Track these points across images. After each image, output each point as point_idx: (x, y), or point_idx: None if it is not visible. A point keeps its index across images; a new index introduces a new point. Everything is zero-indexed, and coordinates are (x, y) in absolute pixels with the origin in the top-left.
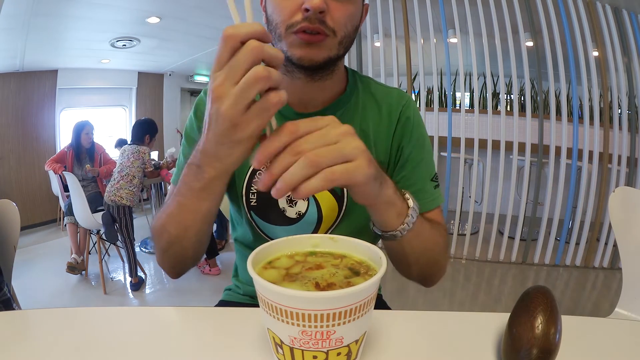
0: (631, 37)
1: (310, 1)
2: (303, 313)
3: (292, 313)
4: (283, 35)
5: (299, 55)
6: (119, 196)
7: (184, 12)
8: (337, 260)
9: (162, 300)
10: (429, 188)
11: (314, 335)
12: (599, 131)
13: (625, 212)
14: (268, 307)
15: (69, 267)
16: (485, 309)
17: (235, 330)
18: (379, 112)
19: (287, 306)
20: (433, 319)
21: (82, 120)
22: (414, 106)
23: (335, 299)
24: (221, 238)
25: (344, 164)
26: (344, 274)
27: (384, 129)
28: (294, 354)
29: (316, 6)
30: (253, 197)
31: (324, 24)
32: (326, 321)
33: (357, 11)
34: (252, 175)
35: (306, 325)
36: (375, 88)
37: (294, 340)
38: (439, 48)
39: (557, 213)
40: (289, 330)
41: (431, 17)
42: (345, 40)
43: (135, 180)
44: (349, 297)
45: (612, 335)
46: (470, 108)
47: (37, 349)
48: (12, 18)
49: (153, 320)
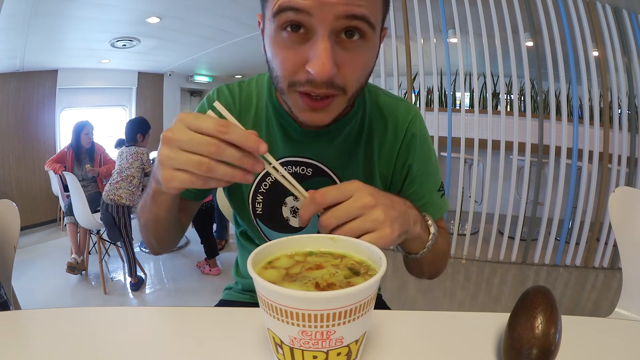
0: (631, 37)
1: (315, 64)
2: (303, 313)
3: (292, 313)
4: (285, 90)
5: (303, 118)
6: (118, 195)
7: (184, 12)
8: (337, 260)
9: (162, 300)
10: (436, 199)
11: (314, 335)
12: (599, 131)
13: (625, 212)
14: (268, 307)
15: (69, 267)
16: (485, 309)
17: (235, 330)
18: (385, 126)
19: (287, 306)
20: (433, 319)
21: (82, 121)
22: (421, 120)
23: (335, 299)
24: (221, 238)
25: (368, 235)
26: (344, 274)
27: (389, 144)
28: (294, 354)
29: (323, 74)
30: (259, 205)
31: (332, 85)
32: (326, 321)
33: (374, 56)
34: (260, 182)
35: (306, 326)
36: (383, 101)
37: (294, 340)
38: (439, 48)
39: (557, 213)
40: (289, 330)
41: (431, 17)
42: (357, 93)
43: (135, 180)
44: (349, 297)
45: (612, 335)
46: (470, 108)
47: (37, 349)
48: (12, 18)
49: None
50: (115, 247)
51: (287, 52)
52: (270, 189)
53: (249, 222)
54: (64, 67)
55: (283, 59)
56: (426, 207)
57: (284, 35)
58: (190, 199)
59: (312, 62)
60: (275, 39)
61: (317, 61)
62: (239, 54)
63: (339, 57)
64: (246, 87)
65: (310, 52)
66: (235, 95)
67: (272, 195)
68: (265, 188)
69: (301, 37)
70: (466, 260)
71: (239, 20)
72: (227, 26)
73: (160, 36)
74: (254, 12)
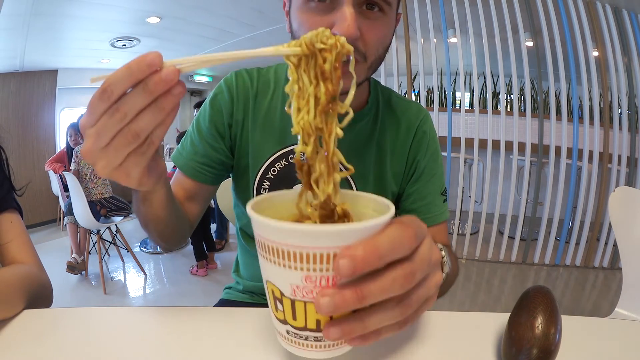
0: (631, 37)
1: (341, 26)
2: (307, 253)
3: (294, 254)
4: None
5: None
6: (100, 192)
7: (184, 12)
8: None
9: (162, 300)
10: (439, 202)
11: (318, 281)
12: (599, 131)
13: (625, 212)
14: (268, 251)
15: (69, 267)
16: (485, 309)
17: (235, 330)
18: (397, 126)
19: (290, 244)
20: (433, 319)
21: (71, 122)
22: (431, 121)
23: (344, 233)
24: (221, 238)
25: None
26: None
27: (401, 142)
28: (295, 309)
29: (348, 34)
30: (264, 192)
31: (356, 49)
32: (332, 263)
33: (391, 31)
34: (267, 169)
35: (310, 269)
36: (395, 102)
37: (295, 290)
38: (439, 48)
39: (557, 213)
40: (291, 277)
41: (431, 17)
42: (375, 63)
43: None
44: (358, 232)
45: (612, 335)
46: (470, 108)
47: (36, 348)
48: (12, 18)
49: (153, 320)
50: (116, 247)
51: (314, 18)
52: (279, 174)
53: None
54: (64, 67)
55: (311, 24)
56: (428, 207)
57: (312, 5)
58: (206, 183)
59: (338, 25)
60: (303, 8)
61: (342, 23)
62: None
63: (362, 23)
64: (265, 74)
65: (336, 17)
66: (254, 78)
67: (281, 182)
68: (273, 174)
69: (327, 6)
70: (466, 260)
71: (239, 20)
72: (227, 26)
73: (160, 36)
74: (254, 12)
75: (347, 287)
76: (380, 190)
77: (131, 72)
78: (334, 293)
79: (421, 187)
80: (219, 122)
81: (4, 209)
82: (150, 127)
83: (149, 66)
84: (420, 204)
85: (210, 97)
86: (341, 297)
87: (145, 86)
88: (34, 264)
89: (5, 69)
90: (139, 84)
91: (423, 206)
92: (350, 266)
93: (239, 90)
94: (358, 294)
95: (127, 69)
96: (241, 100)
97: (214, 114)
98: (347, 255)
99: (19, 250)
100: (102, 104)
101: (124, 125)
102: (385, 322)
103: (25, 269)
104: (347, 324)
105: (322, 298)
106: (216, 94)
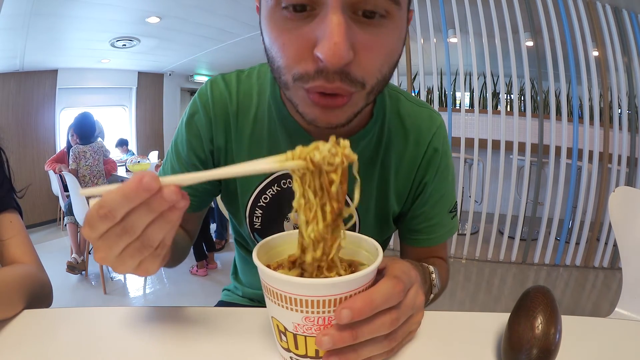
0: (631, 37)
1: (326, 46)
2: (306, 299)
3: (295, 300)
4: (290, 85)
5: (313, 117)
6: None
7: (184, 12)
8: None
9: (162, 300)
10: (446, 221)
11: (316, 321)
12: (599, 131)
13: (625, 212)
14: (272, 295)
15: (69, 267)
16: (485, 309)
17: (235, 330)
18: (405, 140)
19: (290, 293)
20: (433, 319)
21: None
22: (444, 134)
23: (337, 284)
24: (221, 238)
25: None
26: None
27: (408, 159)
28: (297, 341)
29: (335, 59)
30: (257, 220)
31: (348, 78)
32: (328, 307)
33: (399, 41)
34: (258, 197)
35: (309, 312)
36: (404, 108)
37: (297, 327)
38: (439, 48)
39: (557, 213)
40: (293, 317)
41: (431, 17)
42: (378, 86)
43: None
44: (350, 283)
45: (612, 335)
46: (470, 108)
47: (36, 349)
48: (12, 18)
49: (153, 320)
50: None
51: (288, 34)
52: (272, 202)
53: (246, 236)
54: (64, 67)
55: (284, 44)
56: (435, 228)
57: (285, 14)
58: (194, 211)
59: (322, 44)
60: (273, 18)
61: (327, 41)
62: (239, 54)
63: (356, 38)
64: (246, 80)
65: (319, 30)
66: (233, 90)
67: (273, 210)
68: (265, 201)
69: (306, 14)
70: (466, 260)
71: (239, 20)
72: (227, 26)
73: (160, 36)
74: (254, 12)
75: (344, 329)
76: (381, 211)
77: (130, 199)
78: (333, 333)
79: (428, 209)
80: (199, 149)
81: (3, 209)
82: (159, 237)
83: (147, 191)
84: (426, 225)
85: (186, 118)
86: (339, 336)
87: (148, 207)
88: (34, 264)
89: (5, 69)
90: (141, 203)
91: (429, 227)
92: (349, 315)
93: (217, 109)
94: (353, 334)
95: (125, 196)
96: (220, 122)
97: (191, 139)
98: (347, 307)
99: (19, 250)
100: (105, 224)
101: (133, 239)
102: (375, 352)
103: (25, 268)
104: (343, 354)
105: (323, 337)
106: (192, 114)
